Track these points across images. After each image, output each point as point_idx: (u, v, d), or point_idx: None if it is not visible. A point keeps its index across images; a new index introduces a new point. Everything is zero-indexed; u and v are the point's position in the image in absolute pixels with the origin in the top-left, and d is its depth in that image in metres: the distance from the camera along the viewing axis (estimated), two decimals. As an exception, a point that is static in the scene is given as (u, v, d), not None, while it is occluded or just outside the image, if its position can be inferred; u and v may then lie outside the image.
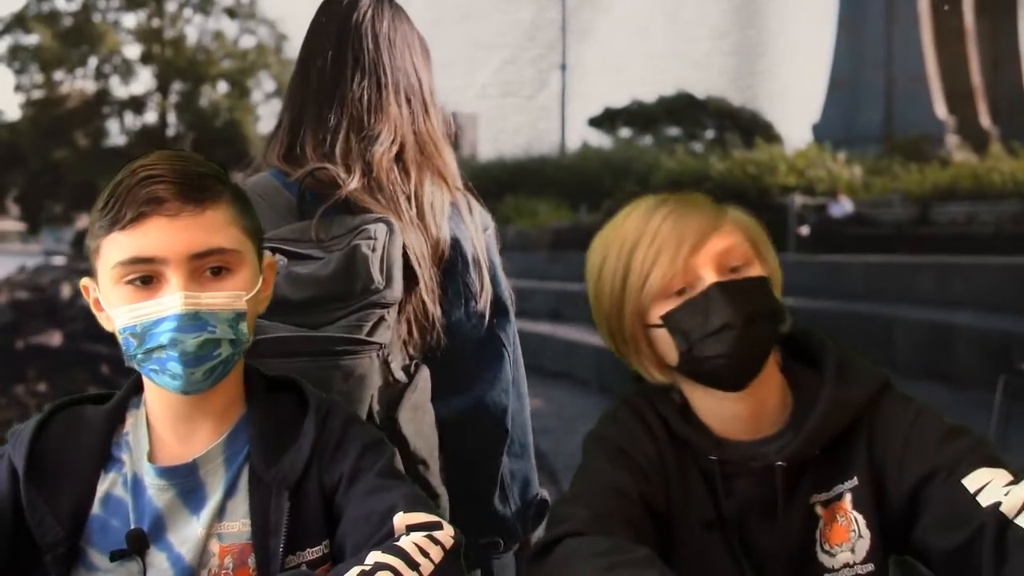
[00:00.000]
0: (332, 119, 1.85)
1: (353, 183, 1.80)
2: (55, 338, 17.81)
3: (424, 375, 1.82)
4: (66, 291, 20.74)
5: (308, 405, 1.41)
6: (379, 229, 1.74)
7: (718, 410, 1.46)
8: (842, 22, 28.31)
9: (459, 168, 1.99)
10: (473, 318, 1.91)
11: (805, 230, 17.04)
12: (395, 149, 1.86)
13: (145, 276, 1.28)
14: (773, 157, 20.52)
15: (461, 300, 1.90)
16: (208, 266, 1.30)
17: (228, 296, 1.30)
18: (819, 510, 1.44)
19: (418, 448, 1.77)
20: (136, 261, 1.27)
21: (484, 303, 1.92)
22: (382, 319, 1.73)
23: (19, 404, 14.47)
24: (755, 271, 1.43)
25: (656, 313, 1.43)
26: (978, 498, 1.28)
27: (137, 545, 1.31)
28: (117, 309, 1.29)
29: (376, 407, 1.72)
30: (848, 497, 1.43)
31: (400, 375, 1.78)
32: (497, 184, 23.00)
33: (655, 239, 1.41)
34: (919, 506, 1.35)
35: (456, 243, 1.89)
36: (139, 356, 1.29)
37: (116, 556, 1.31)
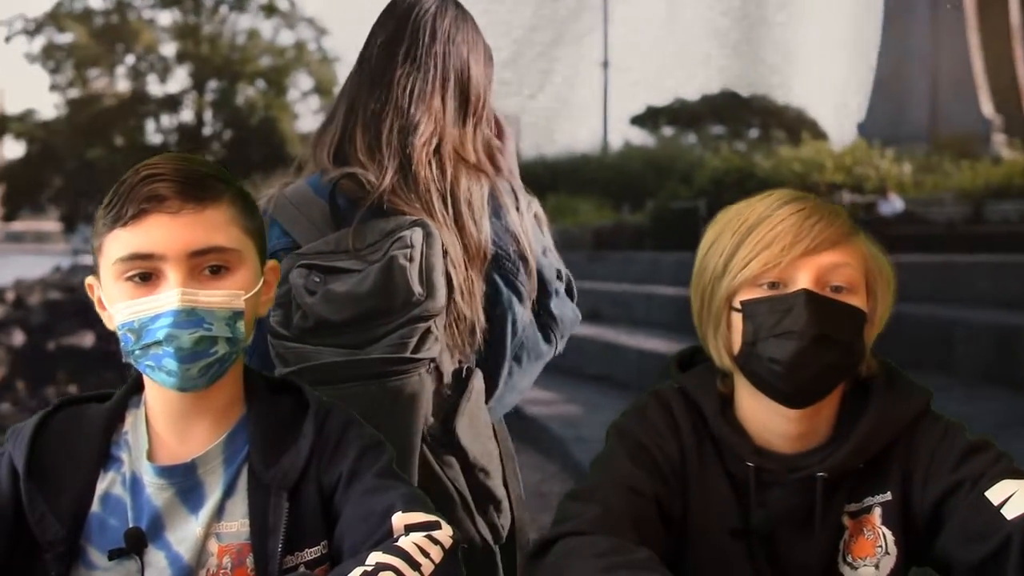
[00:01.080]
0: (377, 105, 1.84)
1: (386, 181, 1.78)
2: (87, 339, 17.75)
3: (478, 380, 1.81)
4: (99, 291, 20.69)
5: (308, 406, 1.41)
6: (415, 235, 1.71)
7: (766, 420, 1.45)
8: (887, 20, 27.85)
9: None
10: (519, 317, 1.88)
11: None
12: (435, 142, 1.84)
13: (144, 272, 1.29)
14: (820, 154, 20.30)
15: (507, 299, 1.87)
16: (207, 264, 1.31)
17: (226, 295, 1.31)
18: (846, 520, 1.44)
19: (477, 457, 1.77)
20: (135, 257, 1.29)
21: (530, 298, 1.91)
22: (428, 331, 1.70)
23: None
24: (855, 301, 1.41)
25: (742, 297, 1.42)
26: (1003, 510, 1.28)
27: (135, 544, 1.32)
28: (116, 305, 1.31)
29: (431, 420, 1.71)
30: (878, 512, 1.42)
31: (450, 381, 1.77)
32: (538, 183, 22.69)
33: (774, 228, 1.40)
34: (942, 519, 1.36)
35: (498, 241, 1.86)
36: (136, 352, 1.30)
37: (114, 555, 1.32)
